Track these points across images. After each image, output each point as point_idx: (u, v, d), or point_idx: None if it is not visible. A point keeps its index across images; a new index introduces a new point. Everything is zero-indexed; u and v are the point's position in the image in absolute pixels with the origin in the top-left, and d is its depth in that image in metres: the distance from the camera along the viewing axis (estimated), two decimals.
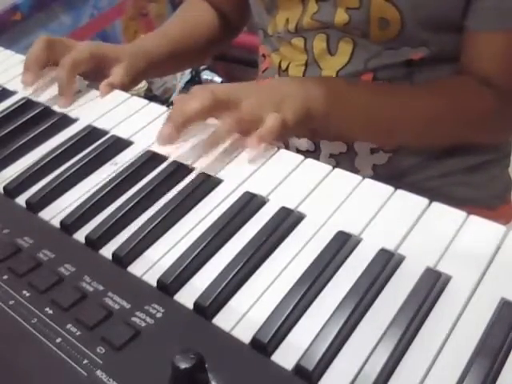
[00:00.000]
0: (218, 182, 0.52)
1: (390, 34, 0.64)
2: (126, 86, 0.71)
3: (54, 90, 0.69)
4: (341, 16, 0.65)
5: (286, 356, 0.38)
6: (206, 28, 0.85)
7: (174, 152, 0.56)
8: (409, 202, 0.47)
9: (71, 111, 0.65)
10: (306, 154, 0.77)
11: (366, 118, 0.63)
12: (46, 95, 0.69)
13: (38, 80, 0.70)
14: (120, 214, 0.49)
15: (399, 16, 0.62)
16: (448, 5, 0.62)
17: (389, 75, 0.68)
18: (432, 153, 0.73)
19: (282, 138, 0.57)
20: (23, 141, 0.61)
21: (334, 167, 0.51)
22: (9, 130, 0.63)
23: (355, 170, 0.75)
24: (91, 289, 0.43)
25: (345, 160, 0.75)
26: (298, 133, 0.65)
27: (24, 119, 0.64)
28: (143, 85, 1.74)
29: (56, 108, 0.66)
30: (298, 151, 0.78)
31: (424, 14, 0.62)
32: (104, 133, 0.61)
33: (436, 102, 0.64)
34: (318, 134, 0.63)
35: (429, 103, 0.64)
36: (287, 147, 0.80)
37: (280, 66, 0.75)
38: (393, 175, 0.73)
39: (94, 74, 0.70)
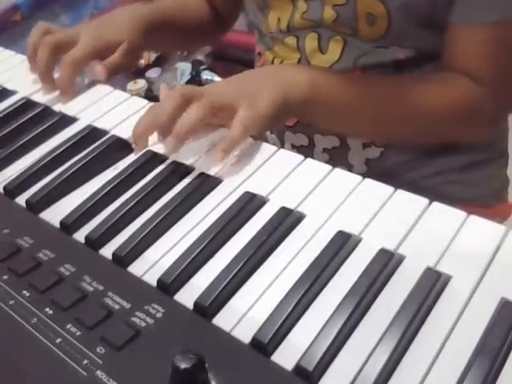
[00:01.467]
0: (217, 181, 0.52)
1: (378, 29, 0.64)
2: (129, 64, 0.72)
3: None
4: (328, 13, 0.65)
5: (286, 356, 0.37)
6: (197, 11, 0.86)
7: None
8: (409, 201, 0.47)
9: (71, 111, 0.65)
10: (301, 149, 0.78)
11: (346, 107, 0.63)
12: (46, 95, 0.69)
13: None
14: (120, 214, 0.50)
15: (386, 11, 0.62)
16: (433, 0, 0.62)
17: (377, 73, 0.68)
18: (426, 149, 0.73)
19: (260, 133, 0.56)
20: (23, 141, 0.61)
21: (327, 162, 0.51)
22: (9, 129, 0.63)
23: (349, 165, 0.75)
24: (91, 289, 0.43)
25: (338, 154, 0.75)
26: (276, 124, 0.64)
27: (24, 119, 0.64)
28: (143, 85, 1.73)
29: (57, 107, 0.66)
30: (293, 147, 0.79)
31: (410, 9, 0.62)
32: (104, 133, 0.61)
33: (418, 98, 0.64)
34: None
35: (411, 99, 0.64)
36: (282, 143, 0.80)
37: (273, 64, 0.76)
38: (387, 172, 0.73)
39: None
